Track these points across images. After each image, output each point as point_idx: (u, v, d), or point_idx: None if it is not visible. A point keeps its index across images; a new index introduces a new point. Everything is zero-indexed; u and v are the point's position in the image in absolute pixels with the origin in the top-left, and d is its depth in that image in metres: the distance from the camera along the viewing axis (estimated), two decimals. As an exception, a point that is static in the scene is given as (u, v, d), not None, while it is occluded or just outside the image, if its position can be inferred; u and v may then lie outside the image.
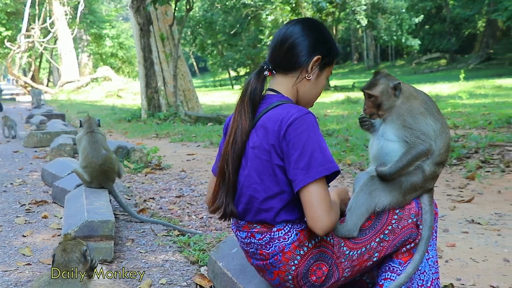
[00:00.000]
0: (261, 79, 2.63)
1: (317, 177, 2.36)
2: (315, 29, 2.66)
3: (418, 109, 2.72)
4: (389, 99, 2.77)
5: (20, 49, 36.29)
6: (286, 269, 2.54)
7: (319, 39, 2.65)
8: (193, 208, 6.03)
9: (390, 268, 2.72)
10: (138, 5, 16.96)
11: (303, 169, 2.38)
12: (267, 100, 2.61)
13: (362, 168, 7.38)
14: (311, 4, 28.85)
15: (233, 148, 2.59)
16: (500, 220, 5.26)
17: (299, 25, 2.65)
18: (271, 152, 2.49)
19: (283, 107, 2.52)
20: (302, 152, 2.39)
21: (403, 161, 2.64)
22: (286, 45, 2.62)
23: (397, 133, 2.71)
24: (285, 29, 2.66)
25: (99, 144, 5.57)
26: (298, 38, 2.61)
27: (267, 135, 2.50)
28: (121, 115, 18.75)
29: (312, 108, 2.79)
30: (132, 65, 49.58)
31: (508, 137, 9.14)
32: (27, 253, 4.45)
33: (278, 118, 2.47)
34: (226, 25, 44.02)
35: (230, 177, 2.61)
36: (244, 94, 2.61)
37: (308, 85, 2.68)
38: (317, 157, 2.38)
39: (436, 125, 2.71)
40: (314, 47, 2.63)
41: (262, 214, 2.55)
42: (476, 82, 26.73)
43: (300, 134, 2.40)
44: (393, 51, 53.74)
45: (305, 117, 2.43)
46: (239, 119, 2.58)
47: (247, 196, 2.58)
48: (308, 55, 2.62)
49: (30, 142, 11.42)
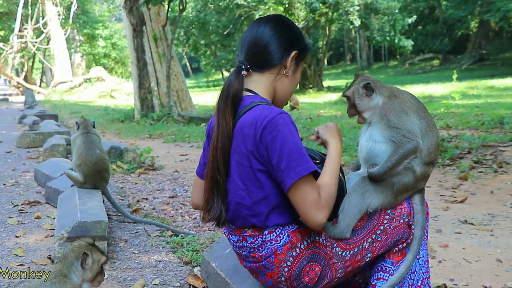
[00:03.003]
0: (240, 79, 2.61)
1: (296, 178, 2.37)
2: (287, 26, 2.68)
3: (401, 108, 2.74)
4: (362, 99, 2.82)
5: (13, 50, 36.16)
6: (279, 270, 2.54)
7: (294, 35, 2.68)
8: (186, 208, 6.03)
9: (383, 268, 2.73)
10: (131, 6, 16.94)
11: (284, 171, 2.39)
12: (243, 102, 2.58)
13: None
14: (304, 4, 28.83)
15: (221, 152, 2.56)
16: (493, 221, 5.28)
17: (270, 23, 2.66)
18: (250, 158, 2.49)
19: (257, 109, 2.50)
20: (280, 154, 2.40)
21: (391, 161, 2.65)
22: (261, 43, 2.62)
23: (383, 133, 2.72)
24: (257, 28, 2.65)
25: (94, 144, 5.58)
26: (274, 35, 2.62)
27: (244, 140, 2.50)
28: (114, 115, 18.70)
29: (305, 108, 2.81)
30: (125, 65, 49.44)
31: (500, 138, 9.18)
32: (20, 253, 4.43)
33: (252, 122, 2.46)
34: (219, 25, 43.93)
35: (222, 182, 2.60)
36: (227, 96, 2.57)
37: (286, 82, 2.70)
38: (295, 158, 2.39)
39: (421, 123, 2.73)
40: (290, 43, 2.65)
41: (251, 219, 2.55)
42: (469, 83, 26.79)
43: (275, 137, 2.41)
44: (386, 52, 53.78)
45: (278, 118, 2.43)
46: (223, 122, 2.55)
47: (235, 204, 2.58)
48: (285, 51, 2.64)
49: (23, 143, 11.38)
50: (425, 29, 49.07)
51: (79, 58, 46.37)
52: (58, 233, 4.20)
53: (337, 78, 44.46)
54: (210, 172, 2.62)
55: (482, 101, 17.78)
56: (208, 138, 2.78)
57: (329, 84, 36.81)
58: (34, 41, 38.46)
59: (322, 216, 2.38)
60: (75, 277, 2.62)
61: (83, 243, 2.70)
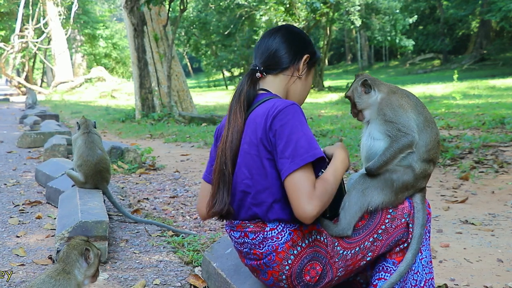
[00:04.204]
0: (253, 81, 2.71)
1: (301, 164, 2.38)
2: (296, 33, 2.82)
3: (397, 102, 2.76)
4: (361, 96, 2.86)
5: (14, 50, 36.12)
6: (279, 269, 2.54)
7: (303, 41, 2.80)
8: (187, 208, 6.03)
9: (384, 268, 2.73)
10: (132, 6, 16.93)
11: (288, 158, 2.41)
12: (256, 99, 2.67)
13: (356, 169, 7.39)
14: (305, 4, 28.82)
15: (230, 146, 2.62)
16: (493, 221, 5.28)
17: (281, 31, 2.80)
18: (259, 146, 2.52)
19: (270, 101, 2.59)
20: (288, 141, 2.43)
21: (386, 155, 2.67)
22: (273, 49, 2.75)
23: (380, 129, 2.74)
24: (268, 37, 2.80)
25: (95, 144, 5.59)
26: (285, 41, 2.75)
27: (255, 129, 2.55)
28: (115, 115, 18.70)
29: (306, 108, 2.85)
30: (126, 65, 49.44)
31: (501, 138, 9.17)
32: (20, 253, 4.43)
33: (265, 112, 2.53)
34: (220, 25, 43.98)
35: (229, 175, 2.63)
36: (240, 94, 2.66)
37: (299, 84, 2.79)
38: (302, 145, 2.41)
39: (418, 118, 2.74)
40: (301, 47, 2.77)
41: (253, 208, 2.57)
42: (469, 83, 26.78)
43: (285, 124, 2.45)
44: (387, 52, 53.78)
45: (290, 108, 2.49)
46: (235, 118, 2.63)
47: (240, 193, 2.61)
48: (296, 54, 2.75)
49: (24, 143, 11.38)
50: (426, 29, 49.07)
51: (80, 58, 46.37)
52: (59, 233, 4.20)
53: (338, 78, 44.47)
54: (218, 166, 2.66)
55: (483, 101, 17.77)
56: (215, 142, 2.82)
57: (330, 84, 36.78)
58: (35, 41, 38.44)
59: (312, 208, 2.35)
60: (78, 274, 2.67)
61: (81, 241, 2.75)
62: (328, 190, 2.45)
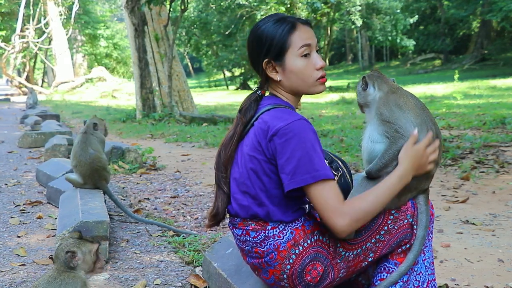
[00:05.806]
0: (253, 99, 2.71)
1: (302, 184, 2.39)
2: (251, 40, 2.67)
3: (395, 102, 2.70)
4: (360, 92, 2.86)
5: (15, 50, 36.12)
6: (281, 268, 2.54)
7: (254, 48, 2.66)
8: (188, 208, 6.03)
9: (386, 269, 2.73)
10: (132, 6, 16.92)
11: (288, 174, 2.42)
12: (263, 102, 2.67)
13: (357, 169, 7.38)
14: (305, 4, 28.84)
15: (228, 149, 2.67)
16: (494, 221, 5.28)
17: (248, 39, 2.72)
18: (259, 151, 2.52)
19: (272, 113, 2.55)
20: (289, 158, 2.41)
21: (385, 157, 2.64)
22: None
23: (379, 130, 2.70)
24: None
25: (87, 144, 5.61)
26: (248, 52, 2.71)
27: (255, 136, 2.54)
28: (115, 115, 18.70)
29: (306, 108, 2.83)
30: (127, 65, 49.48)
31: (502, 138, 9.17)
32: (21, 253, 4.44)
33: (265, 126, 2.50)
34: (221, 25, 43.92)
35: (225, 176, 2.68)
36: (247, 110, 2.68)
37: (285, 79, 2.64)
38: (303, 164, 2.39)
39: (416, 119, 2.67)
40: (256, 55, 2.66)
41: (254, 208, 2.57)
42: (470, 83, 26.78)
43: (285, 143, 2.42)
44: (387, 52, 53.80)
45: (291, 126, 2.43)
46: (235, 127, 2.67)
47: (241, 193, 2.62)
48: (256, 64, 2.68)
49: (25, 143, 11.37)
50: (427, 29, 49.07)
51: (81, 58, 46.40)
52: (59, 233, 4.20)
53: (338, 78, 44.41)
54: (216, 173, 2.73)
55: (483, 101, 17.76)
56: None
57: (331, 84, 36.69)
58: (35, 41, 38.46)
59: (342, 223, 2.38)
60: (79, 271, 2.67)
61: (72, 241, 2.71)
62: (361, 207, 2.44)
